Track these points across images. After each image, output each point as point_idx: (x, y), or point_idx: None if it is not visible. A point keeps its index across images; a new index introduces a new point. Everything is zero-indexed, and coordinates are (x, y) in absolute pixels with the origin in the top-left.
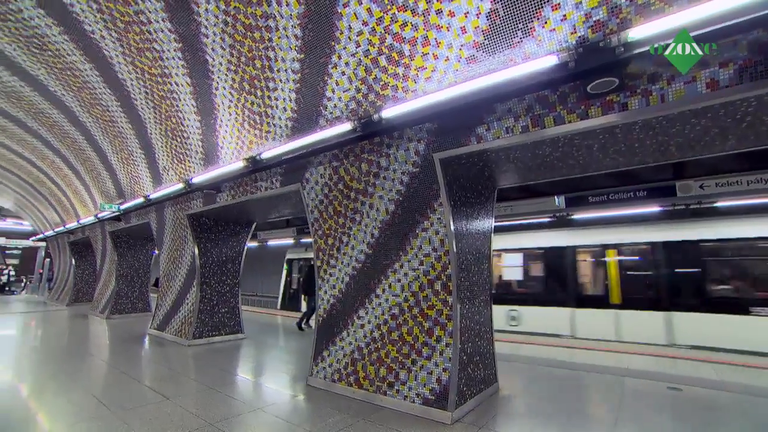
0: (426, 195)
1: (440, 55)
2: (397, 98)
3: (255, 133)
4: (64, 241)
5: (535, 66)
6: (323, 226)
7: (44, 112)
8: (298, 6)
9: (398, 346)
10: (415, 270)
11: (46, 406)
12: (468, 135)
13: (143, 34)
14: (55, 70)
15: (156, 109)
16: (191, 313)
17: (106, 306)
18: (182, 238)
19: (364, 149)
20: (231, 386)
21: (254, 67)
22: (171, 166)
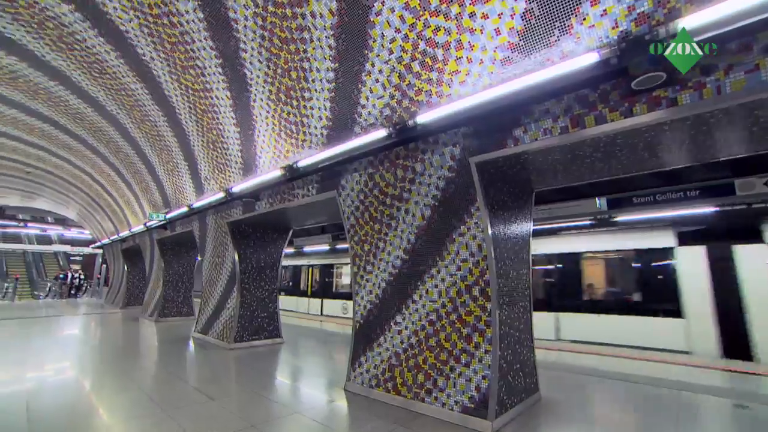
0: (462, 199)
1: (474, 58)
2: (431, 103)
3: (291, 142)
4: (118, 249)
5: (574, 64)
6: (359, 232)
7: (102, 130)
8: (331, 17)
9: (436, 352)
10: (452, 275)
11: (105, 401)
12: (504, 138)
13: (187, 52)
14: (111, 92)
15: (198, 122)
16: (232, 318)
17: (154, 310)
18: (223, 245)
19: (399, 155)
20: (271, 389)
21: (290, 78)
22: (212, 176)
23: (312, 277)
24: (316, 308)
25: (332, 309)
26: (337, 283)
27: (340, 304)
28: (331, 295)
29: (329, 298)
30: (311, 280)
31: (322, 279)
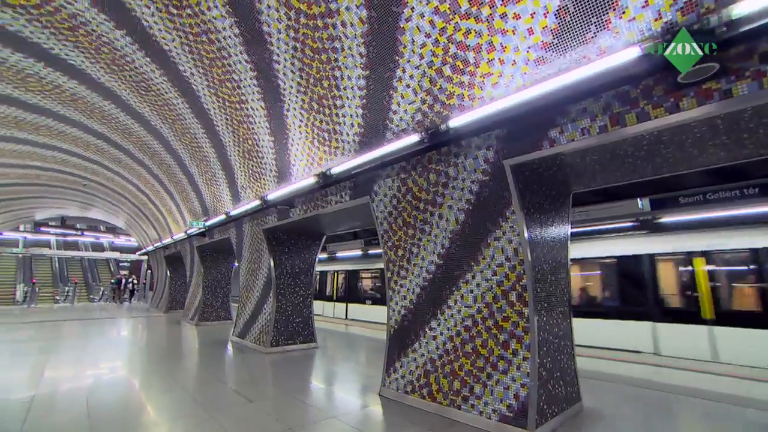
0: (497, 203)
1: (507, 59)
2: (463, 107)
3: (324, 150)
4: (161, 255)
5: (613, 61)
6: (393, 237)
7: (147, 144)
8: (362, 26)
9: (472, 358)
10: (488, 280)
11: (153, 400)
12: (540, 139)
13: (224, 66)
14: (156, 107)
15: (235, 132)
16: (268, 323)
17: (195, 314)
18: (259, 252)
19: (431, 160)
20: (307, 393)
21: (322, 87)
22: (248, 185)
23: (336, 283)
24: (341, 312)
25: (356, 313)
26: (360, 288)
27: (363, 308)
28: (355, 299)
29: (353, 303)
30: (336, 285)
31: (345, 284)
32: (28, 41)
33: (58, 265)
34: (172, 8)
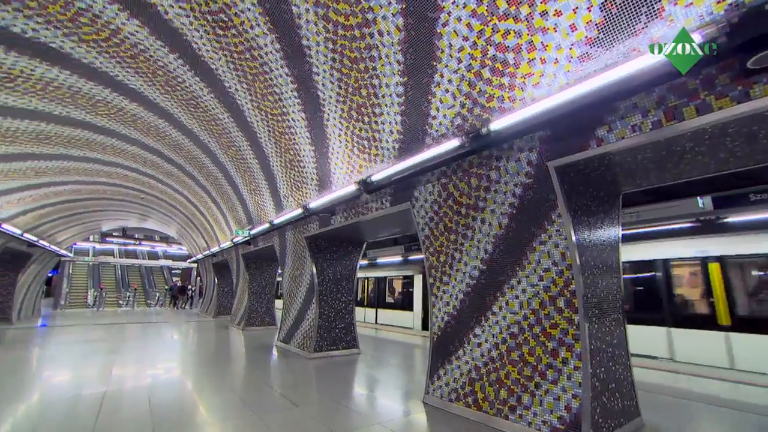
0: (542, 206)
1: (548, 58)
2: (504, 109)
3: (364, 157)
4: (209, 263)
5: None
6: (434, 243)
7: (196, 158)
8: (399, 33)
9: (519, 367)
10: (534, 286)
11: (204, 401)
12: (586, 139)
13: (266, 81)
14: (203, 123)
15: (277, 143)
16: (312, 328)
17: (241, 319)
18: (301, 259)
19: (472, 164)
20: (350, 399)
21: (361, 96)
22: (290, 194)
23: (367, 289)
24: (371, 317)
25: (386, 318)
26: (389, 294)
27: (391, 313)
28: (383, 305)
29: (382, 308)
30: (366, 291)
31: (376, 290)
32: (98, 71)
33: (120, 272)
34: (219, 30)
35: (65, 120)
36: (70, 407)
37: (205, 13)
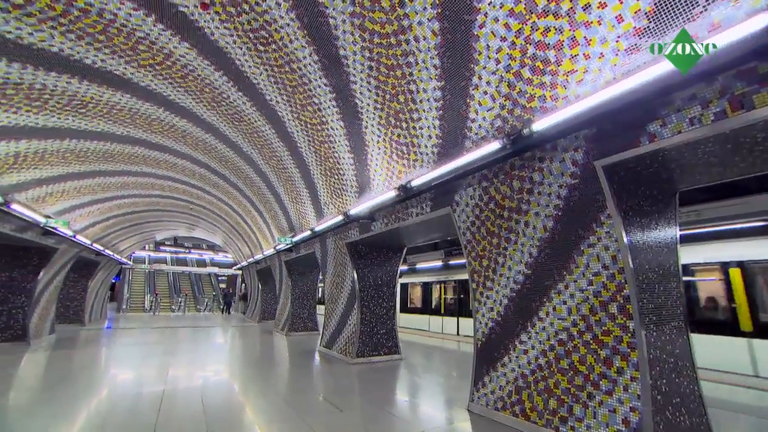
0: (589, 207)
1: (592, 53)
2: (546, 109)
3: (403, 163)
4: (253, 270)
5: (734, 34)
6: (477, 247)
7: (240, 168)
8: (435, 38)
9: (569, 375)
10: (583, 291)
11: (251, 403)
12: (637, 135)
13: (305, 92)
14: (247, 135)
15: (317, 152)
16: (353, 334)
17: (284, 324)
18: (342, 265)
19: (514, 166)
20: (393, 405)
21: (398, 102)
22: (331, 201)
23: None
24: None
25: (409, 322)
26: (415, 300)
27: (418, 318)
28: (408, 310)
29: (405, 313)
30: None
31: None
32: (153, 92)
33: (172, 279)
34: (260, 46)
35: (126, 139)
36: (134, 404)
37: (248, 31)
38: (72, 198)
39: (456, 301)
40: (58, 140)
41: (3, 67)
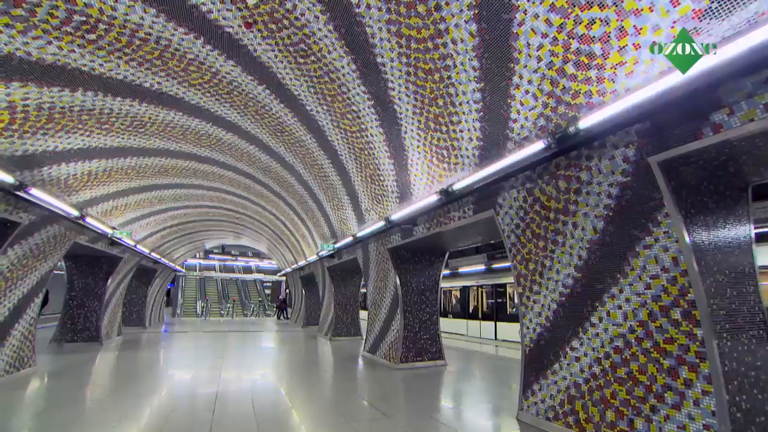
0: (644, 206)
1: (644, 42)
2: (593, 104)
3: (444, 167)
4: (297, 276)
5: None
6: (522, 250)
7: (283, 177)
8: (473, 39)
9: (628, 385)
10: (640, 295)
11: (298, 407)
12: (698, 127)
13: (345, 100)
14: (288, 145)
15: (357, 159)
16: (397, 339)
17: (328, 330)
18: (385, 270)
19: (559, 165)
20: (439, 412)
21: (437, 106)
22: (372, 207)
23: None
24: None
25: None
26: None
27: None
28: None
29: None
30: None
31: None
32: (202, 108)
33: (221, 285)
34: (300, 58)
35: (178, 154)
36: (191, 403)
37: (288, 45)
38: (133, 210)
39: (494, 305)
40: (122, 158)
41: (80, 96)
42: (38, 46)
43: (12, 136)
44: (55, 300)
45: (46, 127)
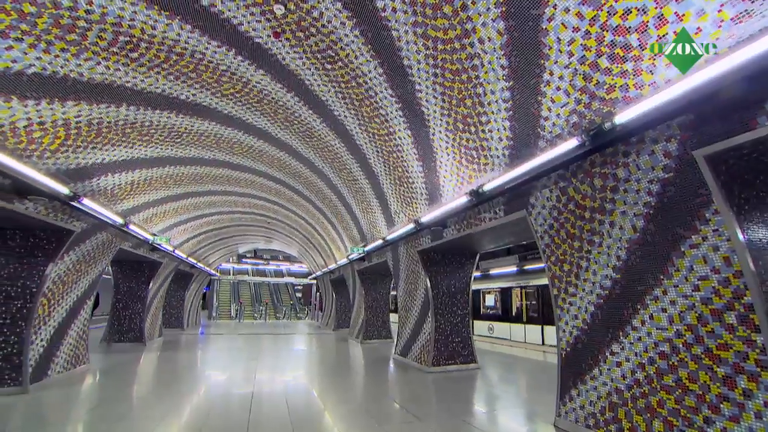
0: (689, 203)
1: (687, 30)
2: (630, 98)
3: (473, 168)
4: (327, 279)
5: None
6: (556, 251)
7: (312, 182)
8: (500, 38)
9: (677, 394)
10: (687, 297)
11: (331, 408)
12: (751, 116)
13: (372, 104)
14: (317, 150)
15: (386, 162)
16: (428, 342)
17: (359, 332)
18: (415, 273)
19: (594, 163)
20: (472, 416)
21: (465, 106)
22: (401, 210)
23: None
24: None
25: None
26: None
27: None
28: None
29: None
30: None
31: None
32: (234, 117)
33: (253, 289)
34: (327, 65)
35: (212, 162)
36: (229, 402)
37: (315, 52)
38: (171, 217)
39: (539, 307)
40: (161, 167)
41: (123, 111)
42: (89, 67)
43: (67, 151)
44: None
45: (95, 141)
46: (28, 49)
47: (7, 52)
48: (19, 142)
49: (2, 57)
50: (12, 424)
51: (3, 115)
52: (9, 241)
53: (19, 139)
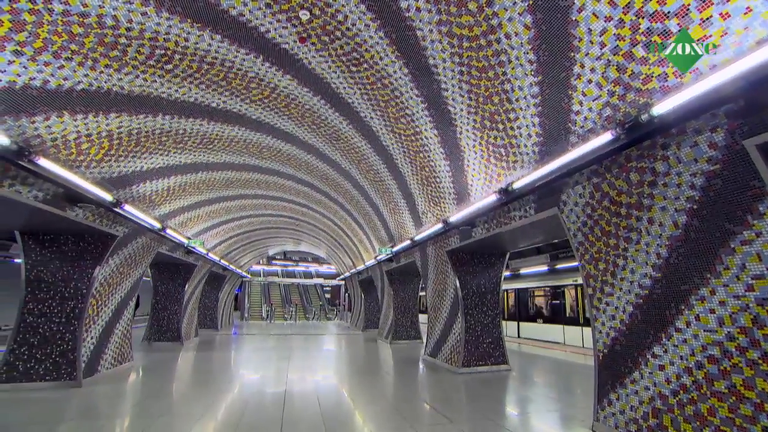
0: (740, 197)
1: (735, 10)
2: (668, 88)
3: (502, 166)
4: (356, 280)
5: None
6: (590, 249)
7: (339, 184)
8: (528, 32)
9: (730, 402)
10: (738, 297)
11: (361, 409)
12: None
13: (397, 105)
14: (344, 152)
15: (412, 163)
16: (458, 343)
17: (388, 333)
18: (444, 273)
19: (630, 157)
20: (504, 418)
21: (492, 104)
22: (429, 210)
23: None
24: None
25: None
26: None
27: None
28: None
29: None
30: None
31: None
32: (263, 122)
33: (283, 290)
34: (353, 67)
35: (242, 166)
36: (263, 400)
37: (341, 55)
38: (204, 221)
39: (577, 307)
40: (194, 173)
41: (160, 120)
42: (129, 81)
43: (110, 160)
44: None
45: (135, 150)
46: (78, 67)
47: (59, 71)
48: (70, 154)
49: (56, 75)
50: (69, 414)
51: (57, 129)
52: (63, 246)
53: (70, 150)
